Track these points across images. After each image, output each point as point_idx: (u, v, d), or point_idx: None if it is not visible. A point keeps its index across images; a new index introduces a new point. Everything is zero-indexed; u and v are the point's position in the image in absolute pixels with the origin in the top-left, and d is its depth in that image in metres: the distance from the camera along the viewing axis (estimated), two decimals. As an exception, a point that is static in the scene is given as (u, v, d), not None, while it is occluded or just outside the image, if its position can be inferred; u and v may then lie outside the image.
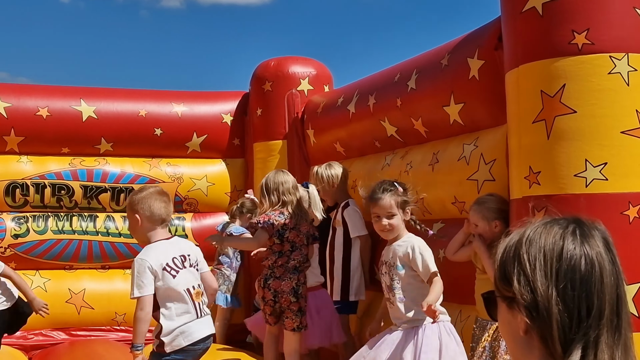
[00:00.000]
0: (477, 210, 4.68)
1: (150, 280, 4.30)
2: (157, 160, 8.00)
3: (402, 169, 5.85)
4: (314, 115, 7.38)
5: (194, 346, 4.43)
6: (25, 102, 7.59)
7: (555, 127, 4.06)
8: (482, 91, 5.00)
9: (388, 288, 4.75)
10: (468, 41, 5.19)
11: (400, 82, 5.89)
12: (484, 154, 4.94)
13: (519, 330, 1.57)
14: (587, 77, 4.00)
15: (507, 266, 1.59)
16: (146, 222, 4.46)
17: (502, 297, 1.61)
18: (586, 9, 4.00)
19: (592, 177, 3.98)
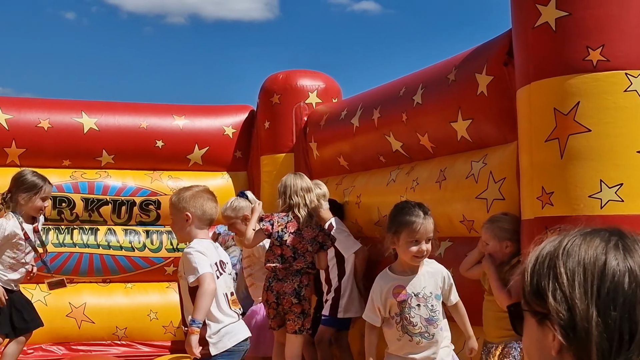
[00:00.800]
0: (489, 229, 4.56)
1: (206, 262, 4.25)
2: (159, 173, 7.91)
3: (407, 185, 5.74)
4: (316, 128, 7.28)
5: (238, 347, 4.37)
6: (26, 114, 7.52)
7: (569, 146, 3.95)
8: (491, 107, 4.88)
9: (426, 322, 4.24)
10: (476, 56, 5.07)
11: (405, 96, 5.77)
12: (493, 172, 4.82)
13: (551, 349, 1.40)
14: (602, 94, 3.89)
15: (541, 279, 1.42)
16: (197, 221, 4.42)
17: (533, 312, 1.45)
18: (601, 25, 3.89)
19: (608, 198, 3.86)
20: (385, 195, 6.08)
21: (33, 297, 7.35)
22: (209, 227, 4.53)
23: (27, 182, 5.82)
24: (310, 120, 7.47)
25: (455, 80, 5.20)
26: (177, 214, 4.47)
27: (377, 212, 6.18)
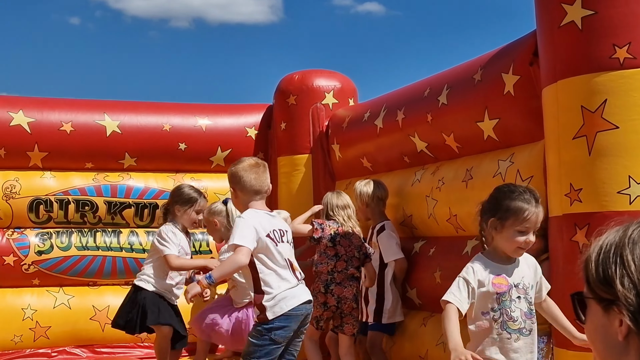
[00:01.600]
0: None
1: (252, 235, 4.38)
2: (181, 175, 7.93)
3: (433, 185, 5.78)
4: (339, 130, 7.31)
5: (295, 311, 4.49)
6: (48, 116, 7.54)
7: (597, 143, 3.98)
8: (518, 107, 4.91)
9: (525, 316, 3.81)
10: (502, 56, 5.11)
11: (430, 97, 5.81)
12: (521, 171, 4.85)
13: (618, 334, 1.48)
14: (629, 92, 3.93)
15: (607, 267, 1.50)
16: (242, 194, 4.61)
17: (598, 299, 1.52)
18: (627, 23, 3.92)
19: (636, 194, 3.90)
20: (410, 196, 6.12)
21: (57, 300, 7.44)
22: (260, 197, 4.63)
23: (184, 195, 6.15)
24: (332, 123, 7.49)
25: (481, 80, 5.23)
26: (231, 191, 4.72)
27: (402, 212, 6.22)
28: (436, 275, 5.72)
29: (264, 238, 4.43)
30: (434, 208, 5.76)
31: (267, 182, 4.68)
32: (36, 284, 7.46)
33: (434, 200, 5.75)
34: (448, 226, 5.68)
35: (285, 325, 4.46)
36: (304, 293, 4.59)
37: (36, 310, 7.36)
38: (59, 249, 7.50)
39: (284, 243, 4.57)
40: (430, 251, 5.90)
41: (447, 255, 5.69)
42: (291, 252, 4.64)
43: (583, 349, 3.99)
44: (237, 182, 4.61)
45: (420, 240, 6.11)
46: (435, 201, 5.74)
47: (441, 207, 5.67)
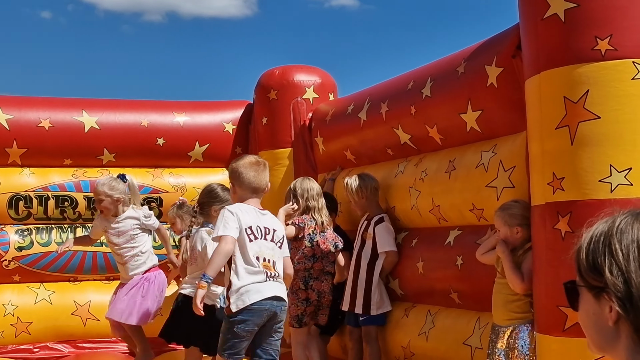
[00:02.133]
0: (499, 216, 4.71)
1: (234, 224, 4.52)
2: (160, 171, 7.96)
3: (416, 176, 5.86)
4: (322, 123, 7.38)
5: (258, 306, 4.53)
6: (27, 113, 7.54)
7: (579, 132, 4.08)
8: (501, 98, 5.01)
9: None
10: (485, 48, 5.20)
11: (414, 89, 5.89)
12: (503, 161, 4.95)
13: (608, 320, 1.55)
14: (611, 82, 4.02)
15: (597, 256, 1.57)
16: (239, 190, 4.75)
17: (589, 287, 1.59)
18: (609, 15, 4.02)
19: (617, 182, 3.99)
20: (393, 187, 6.20)
21: (38, 295, 7.43)
22: (256, 195, 4.77)
23: (220, 196, 6.09)
24: (315, 116, 7.56)
25: (465, 73, 5.32)
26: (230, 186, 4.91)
27: (385, 204, 6.30)
28: (419, 265, 5.80)
29: (242, 230, 4.55)
30: (417, 199, 5.84)
31: (266, 181, 4.81)
32: (17, 280, 7.45)
33: (417, 192, 5.83)
34: (431, 217, 5.76)
35: (246, 319, 4.53)
36: (272, 289, 4.60)
37: (17, 306, 7.35)
38: (39, 245, 7.49)
39: (267, 241, 4.65)
40: (413, 242, 5.98)
41: (429, 246, 5.78)
42: (275, 251, 4.69)
43: (565, 334, 4.11)
44: (237, 178, 4.74)
45: (402, 231, 6.18)
46: (418, 192, 5.82)
47: (424, 198, 5.75)
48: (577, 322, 4.04)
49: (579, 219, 4.08)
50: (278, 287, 4.65)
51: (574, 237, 4.03)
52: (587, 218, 4.01)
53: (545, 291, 4.32)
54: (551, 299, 4.24)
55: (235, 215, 4.55)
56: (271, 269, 4.63)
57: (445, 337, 5.42)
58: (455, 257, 5.35)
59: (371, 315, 6.08)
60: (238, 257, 4.55)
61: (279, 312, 4.65)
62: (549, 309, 4.26)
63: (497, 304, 4.76)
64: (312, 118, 7.59)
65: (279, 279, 4.67)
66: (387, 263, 6.10)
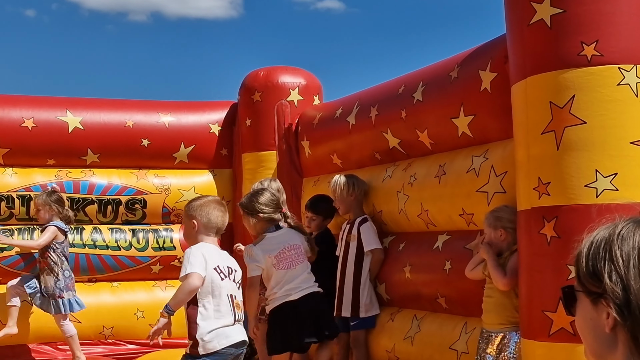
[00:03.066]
0: (487, 219, 4.74)
1: (201, 262, 4.48)
2: (145, 172, 7.92)
3: (405, 180, 5.84)
4: (309, 127, 7.35)
5: (226, 350, 4.51)
6: (10, 113, 7.48)
7: (565, 137, 4.09)
8: (494, 104, 5.00)
9: None
10: (479, 54, 5.20)
11: (405, 93, 5.87)
12: (495, 166, 4.95)
13: (605, 327, 1.54)
14: (597, 88, 4.04)
15: (597, 262, 1.55)
16: (202, 228, 4.66)
17: (587, 293, 1.58)
18: (595, 21, 4.04)
19: (603, 187, 4.01)
20: (380, 191, 6.19)
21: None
22: (216, 235, 4.73)
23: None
24: (302, 120, 7.53)
25: (458, 77, 5.32)
26: (187, 222, 4.76)
27: (372, 208, 6.28)
28: (406, 270, 5.78)
29: (210, 270, 4.50)
30: (405, 204, 5.82)
31: (226, 222, 4.81)
32: (-1, 281, 7.38)
33: (406, 196, 5.81)
34: (419, 222, 5.75)
35: None
36: (239, 334, 4.62)
37: (-1, 308, 7.27)
38: (21, 246, 7.41)
39: (230, 280, 4.64)
40: (400, 246, 5.96)
41: (417, 251, 5.76)
42: (235, 290, 4.67)
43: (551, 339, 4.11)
44: (201, 216, 4.67)
45: (389, 235, 6.17)
46: (406, 197, 5.80)
47: (413, 203, 5.73)
48: (562, 328, 4.07)
49: (565, 224, 4.09)
50: (242, 330, 4.68)
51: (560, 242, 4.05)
52: (573, 223, 4.07)
53: (530, 296, 4.32)
54: (537, 304, 4.24)
55: (201, 252, 4.54)
56: (240, 309, 4.65)
57: (430, 342, 5.41)
58: (443, 262, 5.34)
59: (360, 318, 6.04)
60: (207, 297, 4.50)
61: (240, 356, 4.68)
62: (534, 314, 4.26)
63: (488, 308, 4.76)
64: (299, 122, 7.56)
65: (241, 320, 4.69)
66: (374, 262, 6.05)
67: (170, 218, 7.95)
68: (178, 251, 7.77)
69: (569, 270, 4.03)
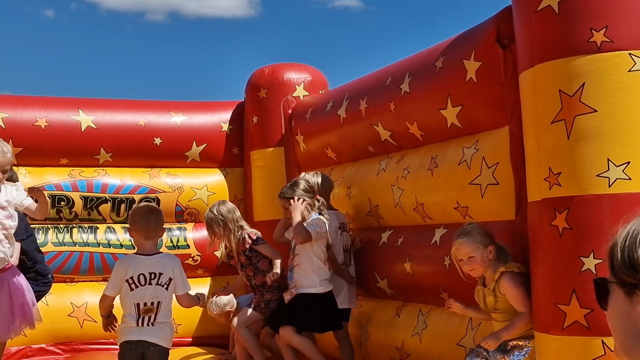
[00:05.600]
0: (469, 240, 4.53)
1: (117, 281, 5.12)
2: (157, 170, 7.92)
3: (398, 174, 5.78)
4: (302, 121, 7.30)
5: (127, 344, 5.12)
6: (23, 112, 7.50)
7: (576, 126, 4.00)
8: (481, 93, 4.91)
9: None
10: (462, 42, 5.10)
11: (392, 85, 5.80)
12: (486, 157, 4.87)
13: (639, 320, 1.49)
14: (607, 75, 3.94)
15: (633, 251, 1.51)
16: (135, 234, 5.20)
17: (622, 284, 1.53)
18: (604, 6, 3.95)
19: (615, 176, 3.92)
20: (375, 185, 6.13)
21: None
22: (148, 241, 5.17)
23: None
24: (295, 113, 7.49)
25: (443, 67, 5.23)
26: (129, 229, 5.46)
27: (368, 202, 6.23)
28: (406, 265, 5.71)
29: (124, 282, 5.08)
30: (400, 197, 5.76)
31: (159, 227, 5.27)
32: (12, 282, 7.37)
33: (400, 189, 5.74)
34: (415, 215, 5.68)
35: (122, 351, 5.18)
36: (131, 334, 5.09)
37: (13, 308, 7.27)
38: (35, 245, 7.40)
39: (151, 286, 5.09)
40: (399, 241, 5.88)
41: (416, 245, 5.68)
42: (153, 295, 5.07)
43: (564, 333, 4.03)
44: (134, 223, 5.21)
45: (387, 230, 6.09)
46: (401, 190, 5.73)
47: (407, 196, 5.67)
48: (576, 321, 3.99)
49: (577, 214, 4.01)
50: (146, 332, 5.09)
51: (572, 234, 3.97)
52: (585, 214, 3.99)
53: (543, 289, 4.24)
54: (549, 297, 4.17)
55: (118, 269, 5.15)
56: (152, 313, 5.06)
57: (438, 338, 5.33)
58: (442, 257, 5.24)
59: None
60: (122, 302, 5.15)
61: (146, 352, 5.10)
62: (547, 308, 4.19)
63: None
64: (292, 115, 7.51)
65: (158, 323, 5.09)
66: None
67: (184, 217, 7.95)
68: (192, 249, 7.80)
69: (582, 262, 3.97)
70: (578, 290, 3.98)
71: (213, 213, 6.27)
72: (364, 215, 6.32)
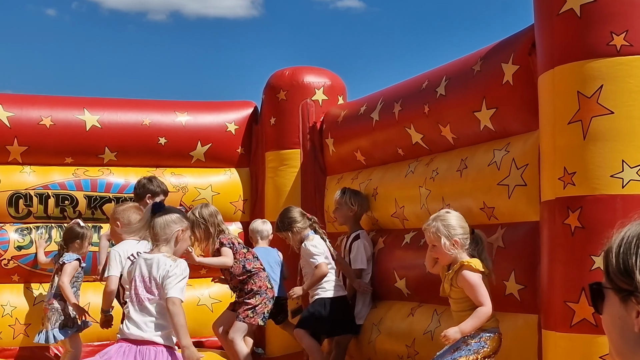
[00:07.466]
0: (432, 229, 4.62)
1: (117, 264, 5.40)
2: (162, 170, 7.91)
3: (427, 175, 5.84)
4: (334, 125, 7.38)
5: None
6: (28, 111, 7.50)
7: (592, 128, 4.08)
8: (516, 96, 4.99)
9: None
10: (502, 47, 5.19)
11: (428, 89, 5.87)
12: (516, 159, 4.93)
13: (634, 326, 1.49)
14: (625, 78, 4.03)
15: (628, 257, 1.51)
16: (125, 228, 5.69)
17: (617, 290, 1.53)
18: (625, 11, 4.04)
19: (629, 177, 4.00)
20: (403, 187, 6.19)
21: (37, 296, 7.34)
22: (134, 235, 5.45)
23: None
24: (327, 118, 7.57)
25: (481, 71, 5.31)
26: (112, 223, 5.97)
27: (394, 204, 6.28)
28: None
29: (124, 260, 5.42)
30: (427, 199, 5.81)
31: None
32: (15, 280, 7.38)
33: (427, 191, 5.80)
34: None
35: None
36: None
37: (15, 307, 7.28)
38: (39, 244, 7.41)
39: None
40: (421, 241, 5.91)
41: (438, 246, 5.73)
42: None
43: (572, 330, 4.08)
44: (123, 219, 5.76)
45: (411, 231, 6.14)
46: (428, 192, 5.79)
47: (434, 198, 5.73)
48: (584, 318, 4.04)
49: (590, 214, 4.08)
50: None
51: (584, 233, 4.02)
52: (598, 213, 4.05)
53: (552, 287, 4.30)
54: (558, 295, 4.23)
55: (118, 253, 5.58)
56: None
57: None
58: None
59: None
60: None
61: None
62: (555, 305, 4.25)
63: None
64: (324, 120, 7.59)
65: None
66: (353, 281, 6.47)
67: (187, 217, 7.94)
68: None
69: (593, 261, 4.03)
70: (587, 289, 4.03)
71: (195, 215, 6.23)
72: (389, 216, 6.39)
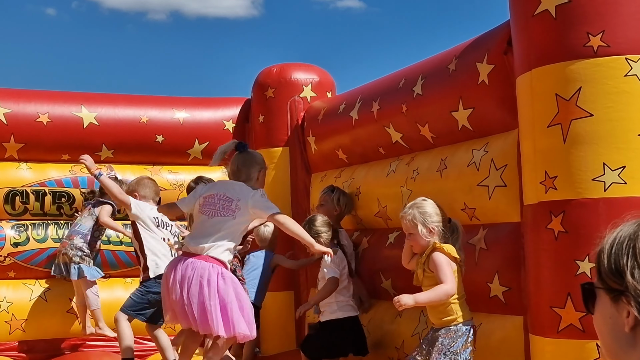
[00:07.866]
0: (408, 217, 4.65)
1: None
2: (159, 168, 7.92)
3: (408, 175, 5.79)
4: (314, 122, 7.32)
5: None
6: (25, 108, 7.50)
7: (572, 130, 4.01)
8: (492, 96, 4.93)
9: None
10: (476, 46, 5.12)
11: (405, 87, 5.82)
12: (495, 160, 4.88)
13: (625, 326, 1.49)
14: (603, 79, 3.96)
15: (619, 258, 1.51)
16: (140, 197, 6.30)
17: (608, 290, 1.53)
18: (601, 11, 3.96)
19: (611, 180, 3.93)
20: (385, 187, 6.14)
21: (33, 292, 7.38)
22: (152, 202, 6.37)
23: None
24: (307, 115, 7.49)
25: (456, 70, 5.25)
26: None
27: (377, 204, 6.23)
28: (410, 264, 5.72)
29: None
30: (409, 198, 5.75)
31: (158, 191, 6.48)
32: (12, 277, 7.40)
33: (409, 191, 5.75)
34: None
35: None
36: None
37: (12, 303, 7.30)
38: (35, 241, 7.44)
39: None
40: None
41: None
42: None
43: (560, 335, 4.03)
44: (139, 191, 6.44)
45: (395, 231, 6.09)
46: (409, 191, 5.74)
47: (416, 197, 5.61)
48: (571, 324, 4.00)
49: (573, 218, 4.02)
50: None
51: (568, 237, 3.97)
52: (581, 217, 3.99)
53: (538, 292, 4.26)
54: (544, 300, 4.18)
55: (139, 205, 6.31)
56: None
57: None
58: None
59: None
60: None
61: None
62: (542, 311, 4.21)
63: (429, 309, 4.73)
64: (305, 116, 7.52)
65: None
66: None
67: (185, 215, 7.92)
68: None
69: (577, 265, 3.98)
70: (573, 294, 4.00)
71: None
72: (373, 216, 6.34)
